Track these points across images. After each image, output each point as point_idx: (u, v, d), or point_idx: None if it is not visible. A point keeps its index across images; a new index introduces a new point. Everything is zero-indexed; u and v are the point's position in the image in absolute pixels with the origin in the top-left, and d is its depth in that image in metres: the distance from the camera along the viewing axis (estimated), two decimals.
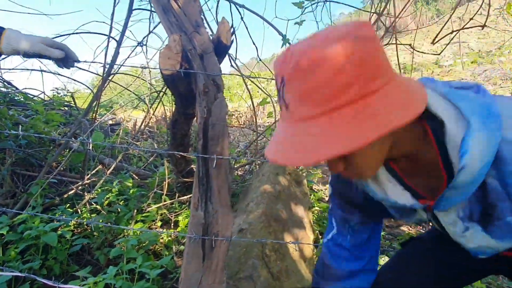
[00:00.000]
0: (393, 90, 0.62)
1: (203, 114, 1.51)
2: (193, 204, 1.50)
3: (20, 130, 2.63)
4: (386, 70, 0.63)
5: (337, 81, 0.59)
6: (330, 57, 0.59)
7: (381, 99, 0.61)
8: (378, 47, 0.62)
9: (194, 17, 1.57)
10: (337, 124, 0.60)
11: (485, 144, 0.66)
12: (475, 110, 0.67)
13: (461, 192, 0.73)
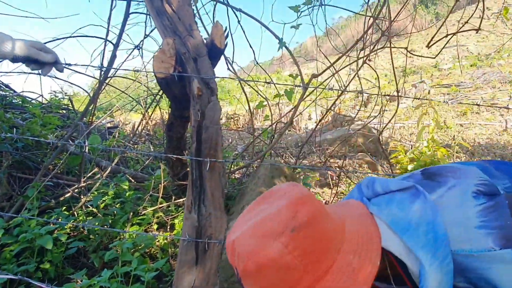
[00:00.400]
0: (346, 259, 0.66)
1: (196, 117, 1.52)
2: (187, 206, 1.50)
3: (17, 133, 2.64)
4: (334, 240, 0.66)
5: (289, 278, 0.62)
6: (275, 259, 0.61)
7: (334, 279, 0.64)
8: (318, 225, 0.65)
9: (188, 21, 1.58)
10: None
11: (440, 277, 0.68)
12: (420, 243, 0.69)
13: None
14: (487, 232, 0.68)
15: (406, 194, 0.76)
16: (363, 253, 0.68)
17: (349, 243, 0.69)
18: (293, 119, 2.73)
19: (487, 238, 0.68)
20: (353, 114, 8.96)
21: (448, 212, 0.72)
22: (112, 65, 2.39)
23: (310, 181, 3.55)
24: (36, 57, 1.14)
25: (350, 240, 0.69)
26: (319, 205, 0.70)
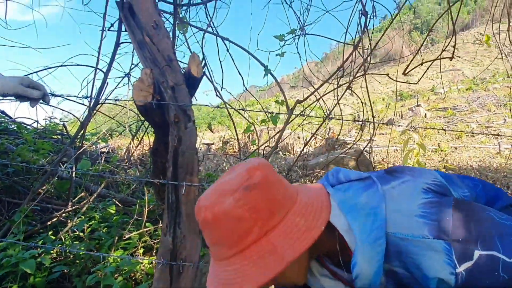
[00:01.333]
0: (293, 220, 0.75)
1: (173, 142, 1.58)
2: (162, 229, 1.54)
3: (8, 158, 2.70)
4: (283, 203, 0.76)
5: (240, 228, 0.72)
6: (228, 211, 0.72)
7: (281, 234, 0.73)
8: (270, 188, 0.75)
9: (167, 52, 1.67)
10: (246, 264, 0.73)
11: (370, 255, 0.77)
12: (358, 222, 0.78)
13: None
14: (425, 222, 0.75)
15: (362, 183, 0.85)
16: (310, 217, 0.77)
17: (298, 207, 0.77)
18: (278, 143, 2.79)
19: (424, 227, 0.74)
20: (349, 138, 9.05)
21: (395, 201, 0.80)
22: (101, 93, 2.48)
23: None
24: (24, 94, 1.24)
25: (300, 206, 0.77)
26: (273, 172, 0.79)
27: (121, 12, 1.79)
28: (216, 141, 8.91)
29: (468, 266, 0.73)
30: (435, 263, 0.74)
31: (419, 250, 0.75)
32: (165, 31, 1.73)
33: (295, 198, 0.79)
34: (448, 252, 0.73)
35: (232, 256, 0.75)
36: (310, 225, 0.76)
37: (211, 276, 0.80)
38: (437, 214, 0.76)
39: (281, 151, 7.36)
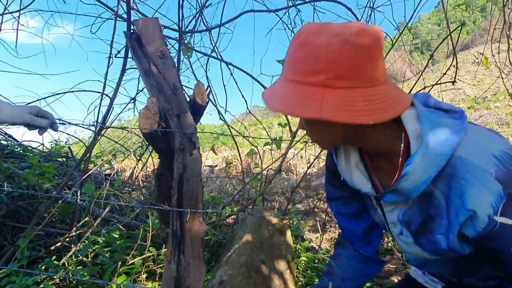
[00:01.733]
0: (352, 96, 0.74)
1: (178, 169, 1.60)
2: (167, 257, 1.55)
3: (14, 182, 2.72)
4: (361, 77, 0.74)
5: (311, 65, 0.74)
6: (317, 45, 0.73)
7: (336, 98, 0.73)
8: (363, 57, 0.73)
9: (172, 80, 1.71)
10: (296, 95, 0.75)
11: (430, 163, 0.77)
12: (434, 134, 0.78)
13: (403, 196, 0.85)
14: (497, 163, 0.75)
15: (450, 115, 0.83)
16: (375, 105, 0.75)
17: (372, 91, 0.75)
18: (281, 166, 2.80)
19: (493, 166, 0.75)
20: None
21: (476, 136, 0.79)
22: (107, 118, 2.52)
23: (302, 227, 3.55)
24: (33, 123, 1.27)
25: (374, 91, 0.75)
26: (380, 49, 0.77)
27: (129, 42, 1.85)
28: (219, 161, 8.93)
29: (506, 222, 0.75)
30: (481, 198, 0.75)
31: (474, 180, 0.75)
32: (171, 60, 1.78)
33: (376, 83, 0.76)
34: (499, 198, 0.73)
35: (291, 81, 0.78)
36: (370, 109, 0.74)
37: (270, 89, 0.83)
38: (511, 166, 0.75)
39: (284, 172, 7.35)
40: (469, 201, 0.76)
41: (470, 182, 0.75)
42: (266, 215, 2.60)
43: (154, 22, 1.86)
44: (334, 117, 0.73)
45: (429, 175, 0.78)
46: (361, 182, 0.95)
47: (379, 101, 0.75)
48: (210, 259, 2.68)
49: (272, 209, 3.68)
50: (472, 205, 0.76)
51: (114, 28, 2.68)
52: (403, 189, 0.83)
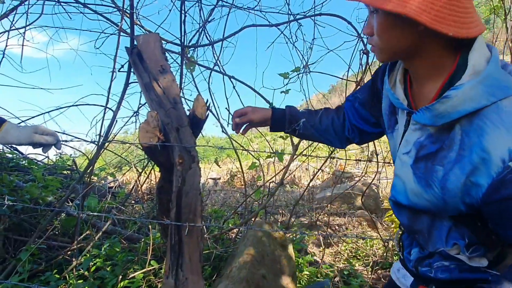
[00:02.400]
0: (442, 1, 0.72)
1: (177, 183, 1.61)
2: (165, 271, 1.54)
3: (17, 195, 2.74)
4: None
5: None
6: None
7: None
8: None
9: (172, 95, 1.73)
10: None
11: (476, 97, 0.75)
12: (497, 73, 0.76)
13: (433, 116, 0.82)
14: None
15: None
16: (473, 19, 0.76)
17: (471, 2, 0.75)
18: (283, 179, 2.80)
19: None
20: (357, 170, 8.98)
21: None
22: (110, 131, 2.54)
23: (305, 241, 3.52)
24: (39, 142, 1.35)
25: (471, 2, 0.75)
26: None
27: (130, 57, 1.88)
28: (223, 174, 8.93)
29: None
30: (501, 141, 0.72)
31: (501, 124, 0.73)
32: (171, 75, 1.80)
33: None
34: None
35: None
36: (453, 20, 0.73)
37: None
38: None
39: (288, 184, 7.32)
40: (487, 141, 0.73)
41: (496, 125, 0.73)
42: (268, 228, 2.58)
43: (155, 37, 1.89)
44: (417, 15, 0.72)
45: (467, 107, 0.76)
46: (401, 97, 0.95)
47: (462, 15, 0.74)
48: (212, 273, 2.66)
49: (275, 222, 3.66)
50: (489, 145, 0.73)
51: (118, 43, 2.72)
52: (435, 110, 0.80)
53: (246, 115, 1.42)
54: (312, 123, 1.38)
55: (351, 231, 4.29)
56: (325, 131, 1.38)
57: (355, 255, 3.50)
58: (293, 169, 5.08)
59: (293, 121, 1.40)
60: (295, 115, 1.40)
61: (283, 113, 1.41)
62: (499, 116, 0.73)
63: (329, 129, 1.37)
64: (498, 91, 0.74)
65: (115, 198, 4.09)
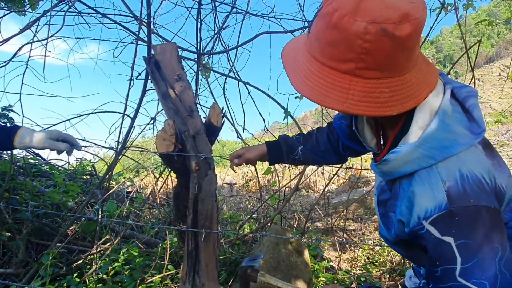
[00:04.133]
0: (380, 87, 0.73)
1: (193, 190, 1.63)
2: (182, 277, 1.56)
3: (39, 200, 2.83)
4: (392, 68, 0.73)
5: (344, 53, 0.72)
6: (351, 32, 0.68)
7: (362, 88, 0.73)
8: (399, 48, 0.70)
9: (189, 103, 1.76)
10: (323, 79, 0.75)
11: (413, 160, 0.79)
12: (438, 136, 0.77)
13: (379, 172, 0.89)
14: (457, 180, 0.75)
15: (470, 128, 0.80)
16: (396, 97, 0.75)
17: (398, 81, 0.74)
18: (299, 184, 2.80)
19: (452, 180, 0.75)
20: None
21: (469, 156, 0.78)
22: (127, 137, 2.60)
23: (321, 247, 3.50)
24: (52, 147, 1.38)
25: (400, 82, 0.74)
26: (418, 35, 0.73)
27: (148, 66, 1.93)
28: (239, 178, 8.96)
29: (433, 233, 0.75)
30: (422, 199, 0.78)
31: (426, 182, 0.78)
32: (187, 83, 1.84)
33: (406, 71, 0.75)
34: (438, 208, 0.74)
35: (317, 60, 0.77)
36: (395, 100, 0.74)
37: (291, 51, 0.85)
38: (472, 190, 0.74)
39: (304, 188, 7.29)
40: (413, 195, 0.79)
41: (423, 183, 0.78)
42: (283, 234, 2.58)
43: (171, 46, 1.93)
44: (357, 111, 0.74)
45: (406, 169, 0.81)
46: (368, 136, 1.01)
47: (404, 91, 0.75)
48: (228, 278, 2.67)
49: (290, 228, 3.65)
50: (413, 199, 0.79)
51: (135, 51, 2.79)
52: (380, 169, 0.87)
53: (243, 155, 1.44)
54: (310, 147, 1.39)
55: (368, 236, 4.24)
56: (324, 152, 1.39)
57: (372, 262, 3.46)
58: (308, 174, 5.06)
59: (290, 151, 1.41)
60: (291, 145, 1.41)
61: (278, 145, 1.42)
62: (428, 174, 0.78)
63: (328, 148, 1.38)
64: (438, 152, 0.77)
65: (133, 203, 4.16)
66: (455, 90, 0.84)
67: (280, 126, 6.57)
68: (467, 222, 0.72)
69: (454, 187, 0.74)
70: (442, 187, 0.75)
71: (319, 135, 1.40)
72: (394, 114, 0.74)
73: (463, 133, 0.78)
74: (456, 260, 0.73)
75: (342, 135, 1.30)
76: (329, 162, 1.45)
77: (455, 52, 39.52)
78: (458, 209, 0.72)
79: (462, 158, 0.77)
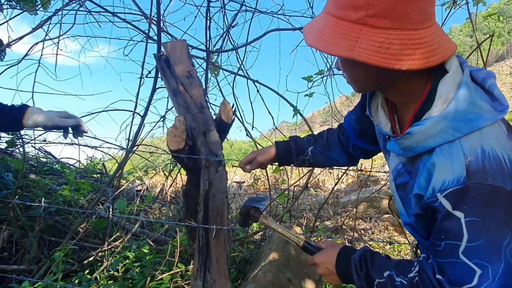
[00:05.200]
0: (389, 38, 0.72)
1: (204, 186, 1.63)
2: (193, 273, 1.56)
3: (51, 198, 2.86)
4: (403, 18, 0.72)
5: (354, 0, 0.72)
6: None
7: (371, 37, 0.73)
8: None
9: (199, 99, 1.77)
10: (333, 30, 0.76)
11: (439, 133, 0.76)
12: (463, 108, 0.75)
13: (400, 149, 0.86)
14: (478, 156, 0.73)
15: (493, 103, 0.78)
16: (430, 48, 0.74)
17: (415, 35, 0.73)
18: (308, 182, 2.79)
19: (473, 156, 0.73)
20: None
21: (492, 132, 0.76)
22: (138, 135, 2.61)
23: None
24: (61, 124, 1.40)
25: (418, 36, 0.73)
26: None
27: (158, 63, 1.93)
28: (247, 177, 8.96)
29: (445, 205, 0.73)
30: (440, 170, 0.76)
31: (448, 155, 0.76)
32: (198, 80, 1.84)
33: (419, 26, 0.73)
34: (456, 182, 0.73)
35: (330, 15, 0.77)
36: (405, 54, 0.72)
37: (311, 22, 0.84)
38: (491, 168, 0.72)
39: (312, 188, 7.27)
40: (433, 167, 0.77)
41: (443, 154, 0.76)
42: (293, 232, 2.58)
43: (182, 44, 1.94)
44: (365, 58, 0.72)
45: (431, 144, 0.78)
46: (382, 121, 0.96)
47: (417, 47, 0.73)
48: (237, 276, 2.67)
49: (299, 226, 3.64)
50: (432, 171, 0.77)
51: (146, 49, 2.81)
52: (401, 144, 0.84)
53: (255, 160, 1.42)
54: (320, 148, 1.37)
55: (377, 235, 4.21)
56: (334, 153, 1.37)
57: None
58: (316, 173, 5.05)
59: (300, 152, 1.38)
60: (301, 146, 1.38)
61: (288, 146, 1.39)
62: (450, 147, 0.76)
63: (338, 148, 1.36)
64: (463, 125, 0.75)
65: (143, 201, 4.19)
66: (473, 73, 0.82)
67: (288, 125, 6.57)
68: (481, 201, 0.71)
69: (474, 163, 0.72)
70: (463, 160, 0.73)
71: (329, 136, 1.38)
72: (404, 69, 0.72)
73: (487, 108, 0.76)
74: (463, 236, 0.72)
75: (352, 134, 1.29)
76: (340, 164, 1.42)
77: (464, 51, 39.05)
78: (474, 186, 0.71)
79: (485, 133, 0.75)
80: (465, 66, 0.82)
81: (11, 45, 2.62)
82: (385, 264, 0.90)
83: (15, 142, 2.89)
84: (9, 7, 2.71)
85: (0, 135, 2.72)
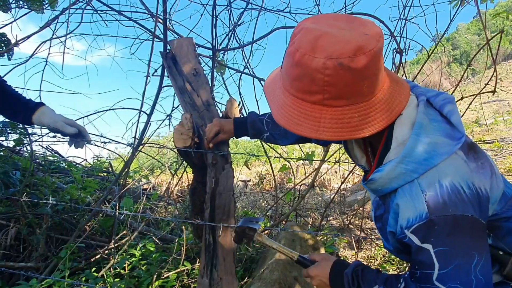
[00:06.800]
0: (349, 113, 0.79)
1: (211, 184, 1.63)
2: (200, 271, 1.56)
3: (58, 196, 2.87)
4: (357, 95, 0.78)
5: (308, 85, 0.78)
6: (312, 67, 0.76)
7: (332, 115, 0.79)
8: (359, 78, 0.76)
9: (205, 97, 1.76)
10: (296, 109, 0.82)
11: (399, 176, 0.83)
12: (416, 149, 0.81)
13: (370, 190, 0.96)
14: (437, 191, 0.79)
15: (450, 130, 0.84)
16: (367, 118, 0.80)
17: (368, 104, 0.80)
18: (314, 181, 2.77)
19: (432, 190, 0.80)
20: None
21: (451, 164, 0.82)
22: (144, 134, 2.61)
23: (337, 244, 3.47)
24: (61, 129, 1.45)
25: (370, 104, 0.80)
26: (377, 62, 0.77)
27: (165, 61, 1.93)
28: (253, 176, 8.95)
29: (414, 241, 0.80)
30: (404, 210, 0.83)
31: (408, 194, 0.82)
32: (204, 77, 1.84)
33: (372, 96, 0.80)
34: (419, 217, 0.79)
35: (289, 93, 0.83)
36: (365, 123, 0.79)
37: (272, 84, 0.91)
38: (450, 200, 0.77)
39: (318, 187, 7.24)
40: (397, 207, 0.84)
41: (405, 194, 0.83)
42: (299, 231, 2.57)
43: (188, 41, 1.94)
44: (330, 137, 0.79)
45: (393, 185, 0.85)
46: (358, 155, 1.05)
47: (374, 113, 0.80)
48: (243, 275, 2.67)
49: (305, 225, 3.63)
50: (397, 211, 0.84)
51: (152, 48, 2.80)
52: (369, 188, 0.92)
53: (218, 137, 1.60)
54: (277, 134, 1.47)
55: None
56: (289, 140, 1.47)
57: (389, 260, 3.41)
58: (322, 173, 5.03)
59: (256, 134, 1.52)
60: (258, 129, 1.51)
61: (245, 128, 1.54)
62: (410, 186, 0.83)
63: (294, 138, 1.45)
64: (419, 166, 0.81)
65: (149, 199, 4.20)
66: (431, 99, 0.89)
67: None
68: (445, 231, 0.77)
69: (433, 197, 0.78)
70: (422, 197, 0.79)
71: None
72: (367, 136, 0.80)
73: (443, 141, 0.82)
74: (434, 266, 0.78)
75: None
76: (294, 144, 1.55)
77: (471, 49, 38.71)
78: (437, 219, 0.77)
79: (441, 168, 0.81)
80: (421, 99, 0.87)
81: (19, 44, 2.63)
82: (375, 279, 0.94)
83: (23, 140, 2.90)
84: (16, 7, 2.72)
85: (8, 134, 2.74)
